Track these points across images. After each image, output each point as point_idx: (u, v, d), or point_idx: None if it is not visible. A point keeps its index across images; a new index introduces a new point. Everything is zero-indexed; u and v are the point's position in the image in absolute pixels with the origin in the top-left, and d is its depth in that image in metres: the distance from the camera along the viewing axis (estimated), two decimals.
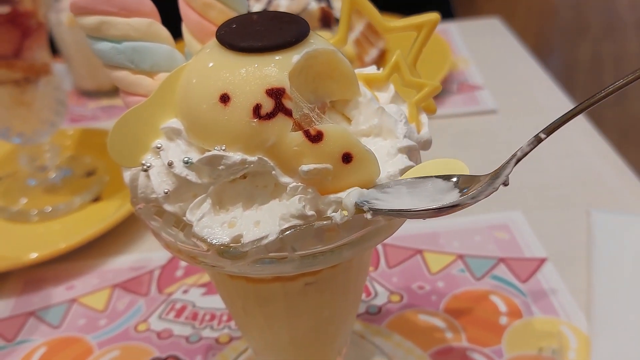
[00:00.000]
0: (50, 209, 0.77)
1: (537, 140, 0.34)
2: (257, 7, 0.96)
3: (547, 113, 0.94)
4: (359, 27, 1.02)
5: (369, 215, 0.34)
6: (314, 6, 0.95)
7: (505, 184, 0.33)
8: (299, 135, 0.33)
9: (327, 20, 0.95)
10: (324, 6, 0.96)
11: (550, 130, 0.35)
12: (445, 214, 0.33)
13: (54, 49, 0.99)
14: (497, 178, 0.33)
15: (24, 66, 0.71)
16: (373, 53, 1.02)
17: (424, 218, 0.34)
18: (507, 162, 0.34)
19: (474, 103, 0.99)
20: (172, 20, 0.45)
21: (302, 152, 0.34)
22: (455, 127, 0.93)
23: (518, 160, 0.34)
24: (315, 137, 0.33)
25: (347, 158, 0.34)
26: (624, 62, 2.92)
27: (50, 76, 0.75)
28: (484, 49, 1.17)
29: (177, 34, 0.42)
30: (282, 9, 0.95)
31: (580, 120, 0.91)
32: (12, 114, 0.73)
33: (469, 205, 0.32)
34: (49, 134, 0.77)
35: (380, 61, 1.04)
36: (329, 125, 0.34)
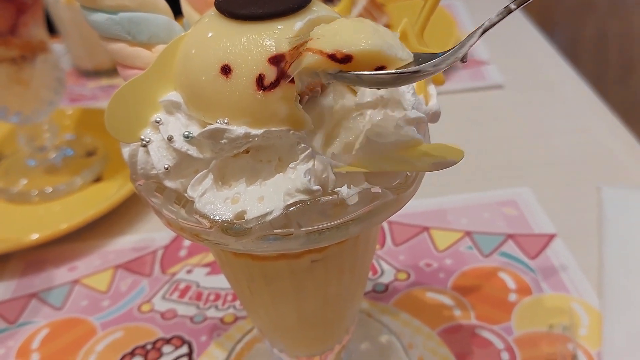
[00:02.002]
0: (50, 189, 0.76)
1: (507, 12, 0.32)
2: None
3: (555, 87, 0.93)
4: (361, 2, 0.99)
5: (325, 80, 0.32)
6: None
7: (464, 60, 0.31)
8: (324, 61, 0.31)
9: None
10: None
11: (521, 1, 0.32)
12: (404, 82, 0.31)
13: (52, 29, 0.97)
14: (461, 48, 0.31)
15: (20, 43, 0.70)
16: None
17: (380, 87, 0.32)
18: (473, 32, 0.31)
19: (481, 78, 0.97)
20: None
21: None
22: (462, 103, 0.91)
23: (485, 31, 0.31)
24: (344, 59, 0.31)
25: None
26: (630, 39, 2.88)
27: (47, 54, 0.74)
28: None
29: (176, 11, 0.41)
30: None
31: (590, 95, 0.89)
32: (9, 92, 0.72)
33: (429, 74, 0.31)
34: (48, 113, 0.76)
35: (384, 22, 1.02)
36: (357, 48, 0.31)
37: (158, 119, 0.35)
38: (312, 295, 0.42)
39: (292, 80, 0.32)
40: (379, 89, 0.33)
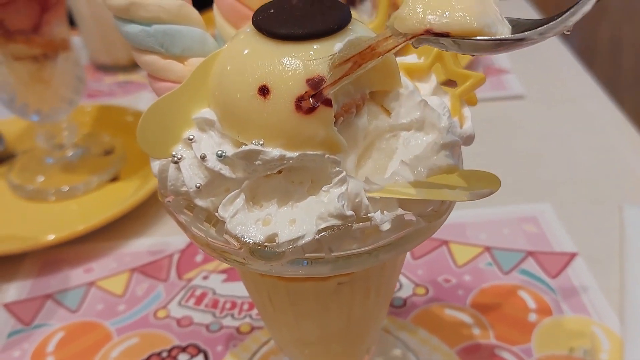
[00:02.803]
0: (67, 188, 0.76)
1: None
2: None
3: (576, 99, 0.92)
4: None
5: (415, 44, 0.30)
6: None
7: (569, 30, 0.28)
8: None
9: None
10: None
11: None
12: (506, 49, 0.29)
13: (70, 21, 0.97)
14: (572, 15, 0.28)
15: (42, 42, 0.70)
16: None
17: (481, 53, 0.30)
18: None
19: (501, 88, 0.96)
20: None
21: None
22: (482, 113, 0.90)
23: None
24: (441, 35, 0.29)
25: None
26: None
27: (68, 52, 0.73)
28: None
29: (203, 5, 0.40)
30: None
31: (614, 113, 0.88)
32: (30, 90, 0.72)
33: (534, 42, 0.28)
34: (67, 111, 0.75)
35: None
36: (456, 27, 0.29)
37: (191, 136, 0.34)
38: (336, 315, 0.41)
39: (330, 103, 0.32)
40: (473, 55, 0.31)
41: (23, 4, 0.67)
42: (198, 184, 0.34)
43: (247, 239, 0.32)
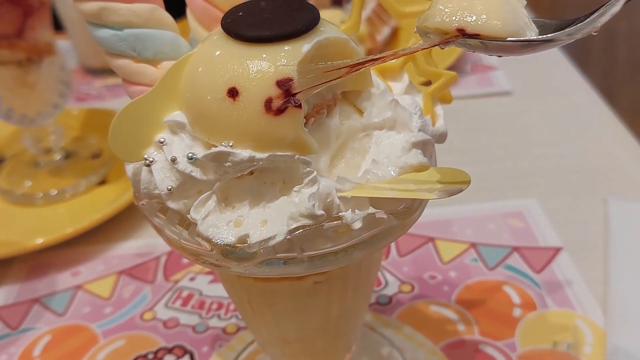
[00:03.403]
0: (55, 192, 0.76)
1: None
2: None
3: (564, 95, 0.92)
4: (370, 5, 0.99)
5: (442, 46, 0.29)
6: None
7: (596, 32, 0.27)
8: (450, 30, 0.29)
9: None
10: None
11: None
12: (533, 50, 0.28)
13: (58, 25, 0.97)
14: (601, 16, 0.27)
15: (26, 46, 0.70)
16: (385, 31, 0.99)
17: (507, 53, 0.29)
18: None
19: (489, 84, 0.96)
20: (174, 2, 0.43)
21: None
22: (469, 109, 0.90)
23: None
24: (471, 36, 0.29)
25: None
26: (638, 38, 2.86)
27: (54, 56, 0.73)
28: None
29: (179, 13, 0.40)
30: None
31: (599, 106, 0.88)
32: (15, 95, 0.72)
33: (562, 43, 0.28)
34: (53, 116, 0.76)
35: (392, 39, 1.02)
36: (488, 31, 0.29)
37: (162, 139, 0.35)
38: (315, 314, 0.41)
39: (299, 105, 0.32)
40: (500, 56, 0.30)
41: (6, 9, 0.67)
42: (170, 187, 0.34)
43: (218, 241, 0.33)
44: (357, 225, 0.33)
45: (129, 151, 0.35)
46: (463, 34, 0.29)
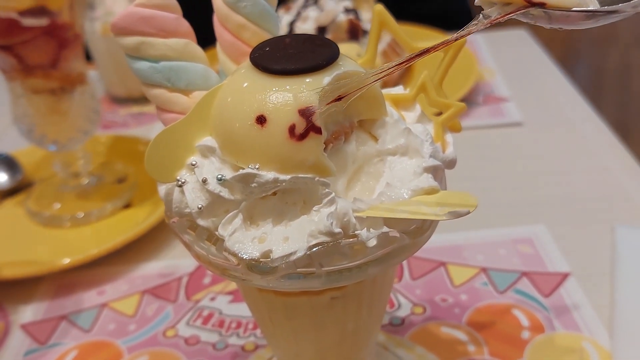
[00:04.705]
0: (82, 214, 0.80)
1: None
2: (286, 19, 0.98)
3: (574, 126, 0.94)
4: (385, 39, 1.03)
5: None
6: (342, 18, 0.96)
7: None
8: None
9: (355, 32, 0.96)
10: (352, 18, 0.97)
11: None
12: (597, 21, 0.29)
13: (87, 56, 1.02)
14: None
15: (60, 76, 0.74)
16: None
17: (569, 24, 0.30)
18: None
19: (500, 115, 0.99)
20: (203, 30, 0.46)
21: None
22: (481, 139, 0.93)
23: None
24: (538, 4, 0.30)
25: None
26: None
27: (85, 85, 0.77)
28: (510, 60, 1.17)
29: (207, 43, 0.44)
30: (310, 21, 0.97)
31: (608, 136, 0.91)
32: (48, 122, 0.76)
33: (627, 15, 0.28)
34: (83, 141, 0.79)
35: (406, 73, 1.05)
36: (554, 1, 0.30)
37: (194, 162, 0.38)
38: (331, 329, 0.44)
39: (320, 131, 0.35)
40: (560, 28, 0.31)
41: (42, 41, 0.71)
42: (200, 206, 0.37)
43: (244, 256, 0.36)
44: (372, 242, 0.36)
45: (163, 173, 0.38)
46: (529, 3, 0.29)
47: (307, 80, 0.36)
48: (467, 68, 1.04)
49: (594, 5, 0.30)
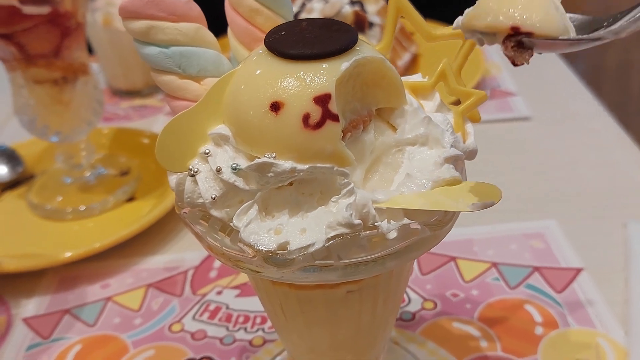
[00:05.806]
0: (84, 207, 0.78)
1: None
2: None
3: (582, 121, 0.93)
4: None
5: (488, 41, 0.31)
6: (348, 10, 0.95)
7: None
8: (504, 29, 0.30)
9: (361, 24, 0.95)
10: (358, 10, 0.95)
11: None
12: (578, 47, 0.29)
13: (89, 49, 1.00)
14: None
15: (62, 65, 0.72)
16: (406, 57, 1.02)
17: (554, 51, 0.31)
18: None
19: (508, 110, 0.98)
20: (215, 19, 0.45)
21: None
22: (488, 134, 0.92)
23: None
24: (524, 34, 0.30)
25: None
26: None
27: (88, 76, 0.76)
28: None
29: (218, 28, 0.42)
30: (315, 13, 0.96)
31: (617, 130, 0.90)
32: (50, 112, 0.74)
33: (608, 40, 0.29)
34: (86, 132, 0.78)
35: (412, 66, 1.04)
36: (540, 31, 0.30)
37: (207, 151, 0.36)
38: (346, 323, 0.43)
39: (337, 119, 0.34)
40: (540, 53, 0.31)
41: (44, 29, 0.69)
42: (214, 196, 0.35)
43: (260, 247, 0.34)
44: (393, 235, 0.35)
45: (174, 162, 0.37)
46: (517, 33, 0.30)
47: (324, 65, 0.35)
48: (473, 62, 1.03)
49: (571, 30, 0.30)
